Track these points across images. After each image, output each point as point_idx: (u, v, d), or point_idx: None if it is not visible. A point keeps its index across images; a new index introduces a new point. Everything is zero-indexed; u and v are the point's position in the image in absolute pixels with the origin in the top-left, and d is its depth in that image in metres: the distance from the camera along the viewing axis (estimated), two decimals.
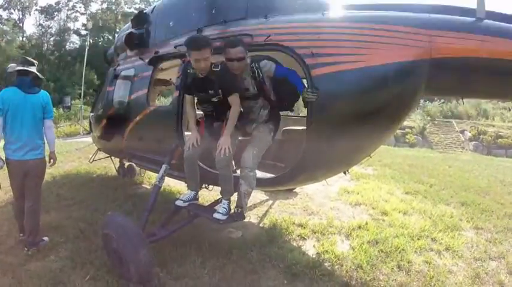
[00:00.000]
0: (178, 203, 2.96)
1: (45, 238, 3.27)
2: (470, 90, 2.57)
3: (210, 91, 2.72)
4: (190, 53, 2.61)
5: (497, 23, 2.22)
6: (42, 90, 3.30)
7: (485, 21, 2.21)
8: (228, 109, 2.73)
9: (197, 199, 3.06)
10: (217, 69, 2.67)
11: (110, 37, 36.84)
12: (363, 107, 2.47)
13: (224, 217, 2.72)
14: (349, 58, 2.42)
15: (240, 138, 2.96)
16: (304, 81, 2.66)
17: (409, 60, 2.31)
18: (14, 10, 36.41)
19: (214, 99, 2.76)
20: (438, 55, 2.24)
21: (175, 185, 5.35)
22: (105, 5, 39.59)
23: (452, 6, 2.44)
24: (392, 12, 2.57)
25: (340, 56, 2.44)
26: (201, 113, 3.09)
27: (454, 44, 2.21)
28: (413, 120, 18.74)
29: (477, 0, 2.22)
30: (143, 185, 5.82)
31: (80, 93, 21.57)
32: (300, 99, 2.67)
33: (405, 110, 2.66)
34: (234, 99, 2.70)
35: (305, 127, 2.68)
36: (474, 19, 2.23)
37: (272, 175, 3.08)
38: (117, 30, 35.27)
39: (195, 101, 3.05)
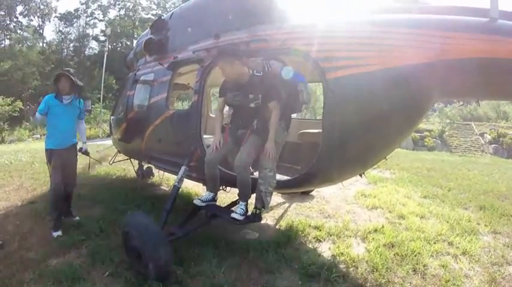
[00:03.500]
0: (197, 201, 3.04)
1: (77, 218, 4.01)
2: (486, 92, 2.55)
3: (250, 95, 2.79)
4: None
5: (510, 22, 2.19)
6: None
7: (499, 21, 2.19)
8: (255, 118, 2.81)
9: (215, 201, 3.12)
10: (260, 75, 2.77)
11: (128, 43, 37.86)
12: (377, 110, 2.48)
13: (241, 218, 2.78)
14: (363, 61, 2.44)
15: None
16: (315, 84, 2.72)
17: (423, 62, 2.31)
18: (34, 17, 37.98)
19: (252, 105, 2.81)
20: (452, 57, 2.23)
21: (192, 187, 5.47)
22: (122, 12, 40.77)
23: (465, 7, 2.42)
24: (406, 15, 2.58)
25: (355, 60, 2.47)
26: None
27: (468, 45, 2.19)
28: (432, 123, 18.37)
29: (490, 1, 2.20)
30: (161, 187, 5.97)
31: (99, 98, 22.25)
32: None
33: (420, 113, 2.66)
34: (274, 106, 2.75)
35: (321, 130, 2.72)
36: (488, 19, 2.22)
37: (288, 177, 3.12)
38: (135, 36, 36.25)
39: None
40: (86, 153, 4.15)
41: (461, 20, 2.33)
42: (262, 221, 4.13)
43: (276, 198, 5.05)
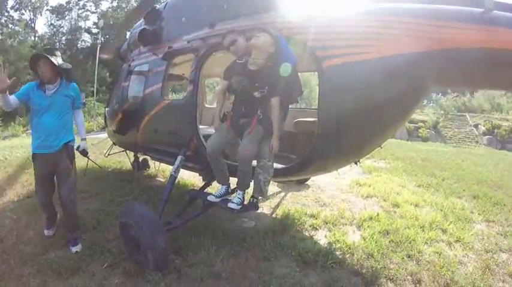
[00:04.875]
0: (211, 198, 2.98)
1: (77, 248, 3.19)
2: (481, 82, 2.58)
3: (256, 84, 2.74)
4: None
5: (505, 13, 2.22)
6: None
7: (494, 12, 2.22)
8: (258, 108, 2.75)
9: (230, 193, 3.04)
10: (271, 65, 2.71)
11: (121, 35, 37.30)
12: (373, 98, 2.50)
13: (238, 207, 2.80)
14: (359, 49, 2.45)
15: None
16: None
17: (418, 51, 2.33)
18: (25, 11, 37.23)
19: (256, 94, 2.75)
20: (447, 46, 2.25)
21: (189, 178, 5.47)
22: (115, 3, 40.09)
23: None
24: (401, 4, 2.59)
25: (350, 48, 2.48)
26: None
27: (463, 35, 2.22)
28: (426, 114, 18.49)
29: None
30: (158, 179, 5.96)
31: (93, 91, 22.00)
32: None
33: (415, 101, 2.68)
34: (277, 102, 2.70)
35: (316, 119, 2.73)
36: (483, 10, 2.24)
37: (284, 165, 3.14)
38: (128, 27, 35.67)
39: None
40: (84, 153, 3.36)
41: (456, 10, 2.35)
42: (259, 211, 4.17)
43: (272, 187, 5.08)
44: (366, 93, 2.51)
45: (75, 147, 3.24)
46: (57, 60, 3.02)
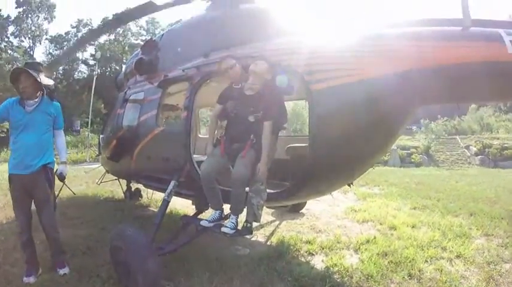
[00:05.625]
0: (204, 223, 2.92)
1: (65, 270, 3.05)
2: (465, 95, 2.69)
3: (251, 108, 2.81)
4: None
5: (482, 29, 2.37)
6: None
7: (472, 28, 2.37)
8: (252, 133, 2.80)
9: (223, 219, 2.99)
10: (269, 91, 2.81)
11: (117, 67, 38.10)
12: (360, 119, 2.57)
13: (232, 231, 2.75)
14: (343, 73, 2.55)
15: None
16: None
17: (402, 71, 2.44)
18: (25, 38, 38.08)
19: (251, 118, 2.82)
20: (430, 64, 2.37)
21: (181, 208, 5.40)
22: (112, 36, 41.30)
23: (439, 19, 2.61)
24: (383, 28, 2.74)
25: (335, 71, 2.58)
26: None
27: (444, 52, 2.35)
28: (418, 139, 18.76)
29: (462, 11, 2.39)
30: (150, 208, 5.87)
31: (87, 122, 22.07)
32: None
33: (403, 120, 2.76)
34: (269, 126, 2.77)
35: (307, 144, 2.77)
36: (461, 28, 2.39)
37: (277, 190, 3.13)
38: (124, 60, 36.56)
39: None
40: (61, 178, 3.12)
41: (436, 30, 2.50)
42: (253, 238, 4.11)
43: (266, 216, 5.03)
44: (353, 114, 2.58)
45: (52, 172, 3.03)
46: (40, 75, 2.89)
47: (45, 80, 2.97)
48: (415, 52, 2.42)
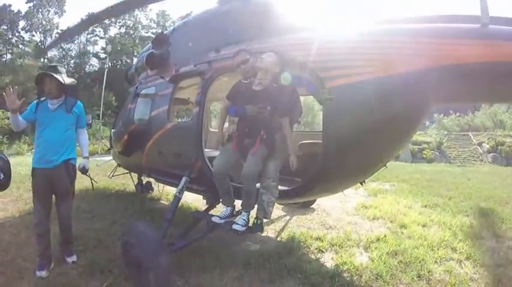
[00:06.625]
0: (215, 219, 2.93)
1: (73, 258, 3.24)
2: (481, 95, 2.61)
3: (259, 104, 2.78)
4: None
5: (501, 27, 2.27)
6: None
7: (490, 26, 2.27)
8: (262, 128, 2.77)
9: (235, 215, 2.98)
10: (276, 86, 2.78)
11: (128, 60, 38.40)
12: (375, 117, 2.52)
13: (243, 228, 2.74)
14: (359, 70, 2.50)
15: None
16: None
17: (418, 69, 2.37)
18: (36, 32, 38.67)
19: (259, 114, 2.77)
20: (447, 63, 2.30)
21: (192, 202, 5.45)
22: (123, 30, 41.55)
23: (457, 15, 2.52)
24: (399, 25, 2.67)
25: (351, 69, 2.53)
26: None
27: (461, 50, 2.27)
28: (430, 135, 18.46)
29: (481, 8, 2.28)
30: (161, 201, 5.94)
31: (99, 115, 22.36)
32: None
33: (418, 118, 2.70)
34: (286, 121, 2.76)
35: (320, 141, 2.74)
36: (479, 25, 2.30)
37: (289, 187, 3.12)
38: (135, 53, 36.81)
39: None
40: (84, 171, 3.26)
41: (454, 27, 2.41)
42: (263, 234, 4.12)
43: (277, 211, 5.03)
44: (368, 111, 2.53)
45: (77, 166, 3.21)
46: (63, 77, 3.09)
47: (68, 80, 3.16)
48: (432, 50, 2.35)
